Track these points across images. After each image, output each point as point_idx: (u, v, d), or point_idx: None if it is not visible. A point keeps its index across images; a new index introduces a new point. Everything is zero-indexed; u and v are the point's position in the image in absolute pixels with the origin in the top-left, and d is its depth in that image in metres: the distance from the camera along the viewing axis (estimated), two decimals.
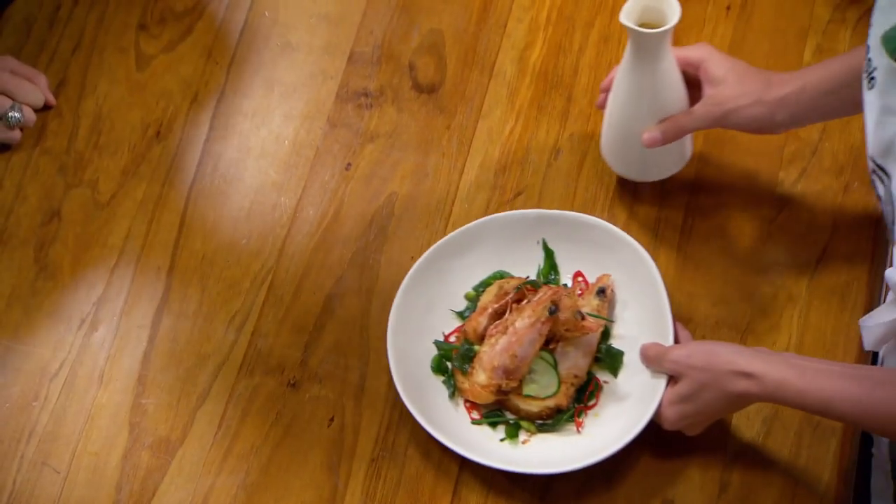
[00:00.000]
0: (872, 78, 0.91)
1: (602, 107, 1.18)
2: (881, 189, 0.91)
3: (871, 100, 0.92)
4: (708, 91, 1.11)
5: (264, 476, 1.11)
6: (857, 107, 1.05)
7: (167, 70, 1.30)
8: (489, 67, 1.30)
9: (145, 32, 1.32)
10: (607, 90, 1.16)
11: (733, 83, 1.10)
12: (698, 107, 1.12)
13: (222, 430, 1.13)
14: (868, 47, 0.92)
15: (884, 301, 1.14)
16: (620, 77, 1.13)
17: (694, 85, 1.14)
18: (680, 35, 1.31)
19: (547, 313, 1.08)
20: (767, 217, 1.22)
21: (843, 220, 1.21)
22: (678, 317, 1.16)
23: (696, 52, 1.13)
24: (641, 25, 1.08)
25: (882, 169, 0.89)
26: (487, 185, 1.24)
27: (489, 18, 1.32)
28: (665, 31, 1.06)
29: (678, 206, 1.22)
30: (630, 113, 1.14)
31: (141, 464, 1.12)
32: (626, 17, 1.06)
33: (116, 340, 1.17)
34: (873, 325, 1.05)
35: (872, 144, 0.89)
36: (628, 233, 1.16)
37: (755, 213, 1.22)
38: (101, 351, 1.17)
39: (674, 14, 1.06)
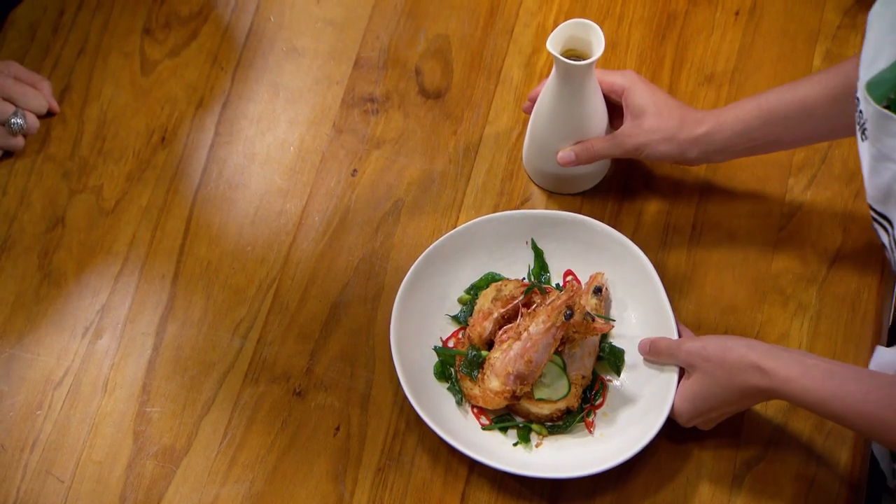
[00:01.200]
0: (864, 129, 0.93)
1: (528, 112, 1.20)
2: (885, 237, 0.92)
3: (864, 149, 0.93)
4: (627, 120, 1.15)
5: (270, 485, 1.10)
6: (771, 146, 1.12)
7: (172, 75, 1.29)
8: (496, 73, 1.29)
9: (150, 37, 1.31)
10: (535, 99, 1.19)
11: (651, 116, 1.14)
12: (614, 135, 1.16)
13: (227, 439, 1.12)
14: (857, 100, 0.93)
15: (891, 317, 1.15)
16: (544, 95, 1.15)
17: (618, 110, 1.17)
18: (688, 40, 1.30)
19: (563, 318, 1.07)
20: (777, 224, 1.21)
21: (854, 228, 1.20)
22: (686, 324, 1.15)
23: (621, 79, 1.16)
24: (567, 52, 1.11)
25: (883, 216, 0.90)
26: (494, 191, 1.23)
27: (496, 24, 1.31)
28: (589, 64, 1.09)
29: (687, 214, 1.22)
30: (549, 131, 1.17)
31: (145, 473, 1.11)
32: (553, 44, 1.09)
33: (121, 348, 1.16)
34: (881, 363, 1.07)
35: (870, 193, 0.90)
36: (635, 241, 1.16)
37: (765, 221, 1.21)
38: (106, 359, 1.16)
39: (599, 47, 1.09)
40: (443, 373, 1.14)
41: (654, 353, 1.10)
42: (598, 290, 1.15)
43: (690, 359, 1.06)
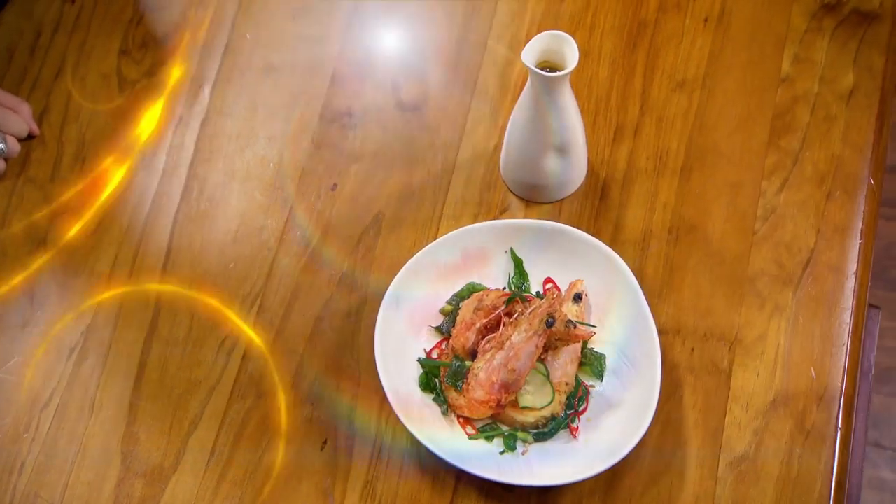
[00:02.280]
0: None
1: None
2: None
3: None
4: None
5: (258, 502, 1.11)
6: None
7: (150, 94, 1.30)
8: (471, 85, 1.30)
9: (127, 57, 1.31)
10: None
11: None
12: None
13: (215, 457, 1.13)
14: None
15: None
16: (520, 106, 1.17)
17: None
18: (659, 47, 1.32)
19: (544, 326, 1.08)
20: (751, 228, 1.23)
21: (827, 229, 1.22)
22: (666, 329, 1.17)
23: None
24: (542, 64, 1.13)
25: None
26: (473, 201, 1.25)
27: (470, 36, 1.33)
28: (563, 76, 1.10)
29: (663, 220, 1.23)
30: (525, 142, 1.18)
31: (134, 493, 1.11)
32: (527, 57, 1.10)
33: (106, 369, 1.17)
34: None
35: None
36: (613, 247, 1.17)
37: (739, 224, 1.23)
38: (91, 380, 1.16)
39: (573, 58, 1.10)
40: (427, 384, 1.15)
41: None
42: (578, 298, 1.17)
43: None
